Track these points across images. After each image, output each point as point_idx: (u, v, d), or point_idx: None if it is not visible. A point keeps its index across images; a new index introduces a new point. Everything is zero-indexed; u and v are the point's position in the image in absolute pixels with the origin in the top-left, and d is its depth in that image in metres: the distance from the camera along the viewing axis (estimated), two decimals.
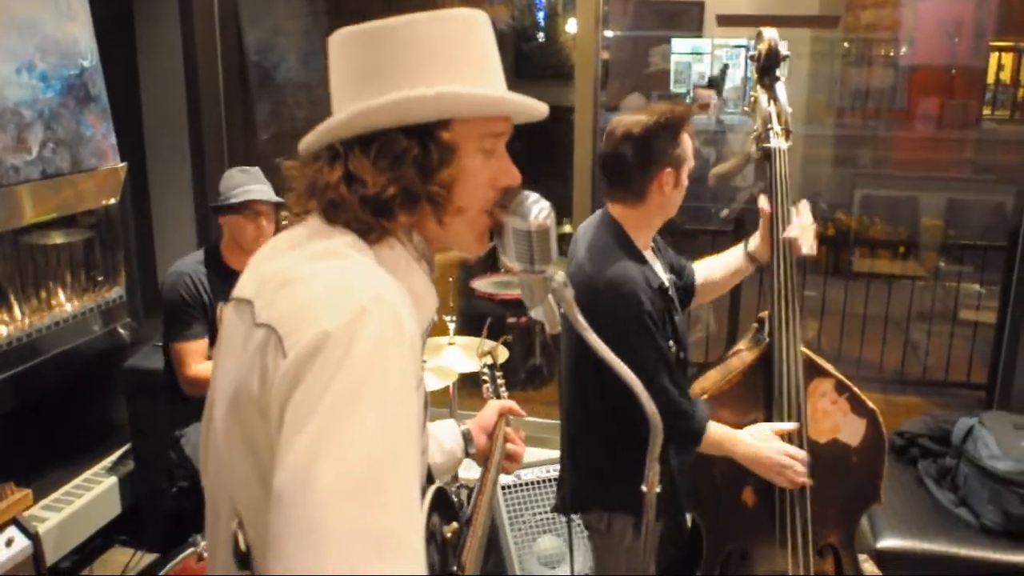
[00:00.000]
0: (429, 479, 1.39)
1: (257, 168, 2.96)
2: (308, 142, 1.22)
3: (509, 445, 1.84)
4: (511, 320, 4.81)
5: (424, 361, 1.48)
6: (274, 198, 2.84)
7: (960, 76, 7.55)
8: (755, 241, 2.38)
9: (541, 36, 7.26)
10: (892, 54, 7.40)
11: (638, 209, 2.18)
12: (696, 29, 8.25)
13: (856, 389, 2.33)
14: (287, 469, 0.95)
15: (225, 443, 1.13)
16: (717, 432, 2.20)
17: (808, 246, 2.25)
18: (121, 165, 3.46)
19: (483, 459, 1.80)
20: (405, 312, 1.08)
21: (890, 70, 7.40)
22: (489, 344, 2.17)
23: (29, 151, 3.04)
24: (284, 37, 4.85)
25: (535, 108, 1.29)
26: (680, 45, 10.30)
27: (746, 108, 2.35)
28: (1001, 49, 7.76)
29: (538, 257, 1.33)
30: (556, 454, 3.87)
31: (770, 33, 2.31)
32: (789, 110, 2.30)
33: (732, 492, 2.30)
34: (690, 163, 2.16)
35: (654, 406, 1.45)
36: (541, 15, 7.91)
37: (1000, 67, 7.89)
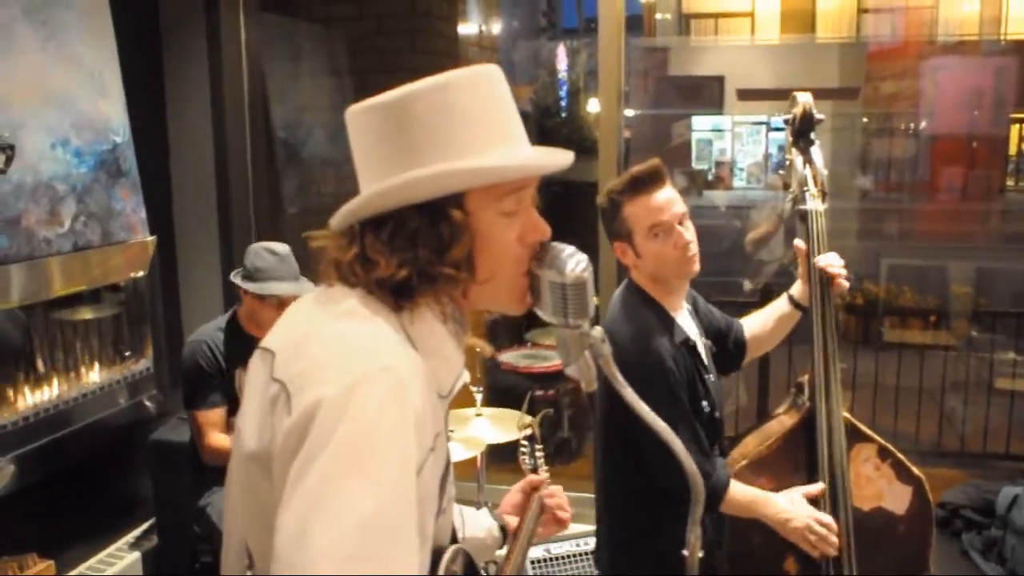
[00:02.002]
0: (453, 539, 1.36)
1: (287, 249, 2.90)
2: (335, 222, 1.22)
3: (559, 512, 1.77)
4: (538, 393, 4.76)
5: (451, 431, 1.46)
6: (301, 292, 2.82)
7: (982, 146, 7.56)
8: (797, 286, 2.37)
9: (562, 113, 7.38)
10: (913, 125, 7.43)
11: (636, 277, 2.24)
12: (717, 105, 8.34)
13: (900, 455, 2.26)
14: (283, 529, 0.97)
15: (239, 486, 1.16)
16: (742, 493, 2.14)
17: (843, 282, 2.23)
18: (150, 239, 3.50)
19: (513, 534, 1.74)
20: (412, 383, 1.08)
21: (911, 141, 7.42)
22: (529, 418, 2.14)
23: (61, 224, 3.08)
24: (310, 113, 4.94)
25: (556, 163, 1.24)
26: (701, 122, 10.43)
27: (781, 172, 2.36)
28: (1022, 121, 7.78)
29: (573, 311, 1.30)
30: (587, 528, 3.78)
31: (804, 97, 2.32)
32: (824, 172, 2.29)
33: (773, 561, 2.21)
34: (645, 229, 2.13)
35: (695, 465, 1.41)
36: (563, 91, 8.06)
37: (1022, 138, 7.90)
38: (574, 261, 1.28)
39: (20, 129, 2.89)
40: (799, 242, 2.30)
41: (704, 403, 2.15)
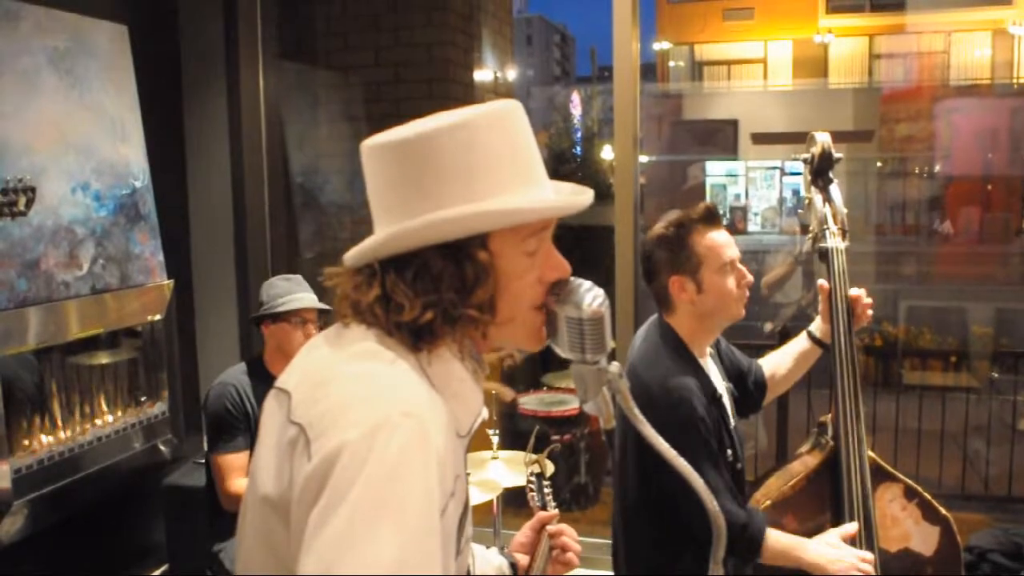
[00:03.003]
0: None
1: (299, 276, 2.97)
2: (350, 258, 1.19)
3: (569, 551, 1.74)
4: (555, 438, 4.73)
5: (468, 473, 1.43)
6: (320, 305, 2.85)
7: (997, 188, 7.56)
8: (817, 324, 2.34)
9: (578, 158, 7.43)
10: (928, 168, 7.44)
11: (676, 317, 2.18)
12: (731, 149, 8.40)
13: (927, 495, 2.21)
14: (306, 572, 0.95)
15: (254, 530, 1.13)
16: (779, 541, 2.08)
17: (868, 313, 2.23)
18: (167, 282, 3.52)
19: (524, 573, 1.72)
20: (435, 426, 1.06)
21: (927, 183, 7.43)
22: (534, 456, 2.12)
23: (80, 267, 3.10)
24: (328, 160, 4.99)
25: (580, 203, 1.23)
26: (715, 168, 10.48)
27: (800, 211, 2.36)
28: None
29: (591, 346, 1.29)
30: (605, 574, 3.73)
31: (822, 136, 2.33)
32: (844, 210, 2.29)
33: None
34: (719, 262, 2.12)
35: (716, 504, 1.39)
36: (577, 137, 8.12)
37: None
38: (591, 296, 1.27)
39: (42, 174, 2.94)
40: (823, 282, 2.28)
41: (729, 452, 2.12)
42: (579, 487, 4.84)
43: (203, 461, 3.04)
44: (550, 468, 2.08)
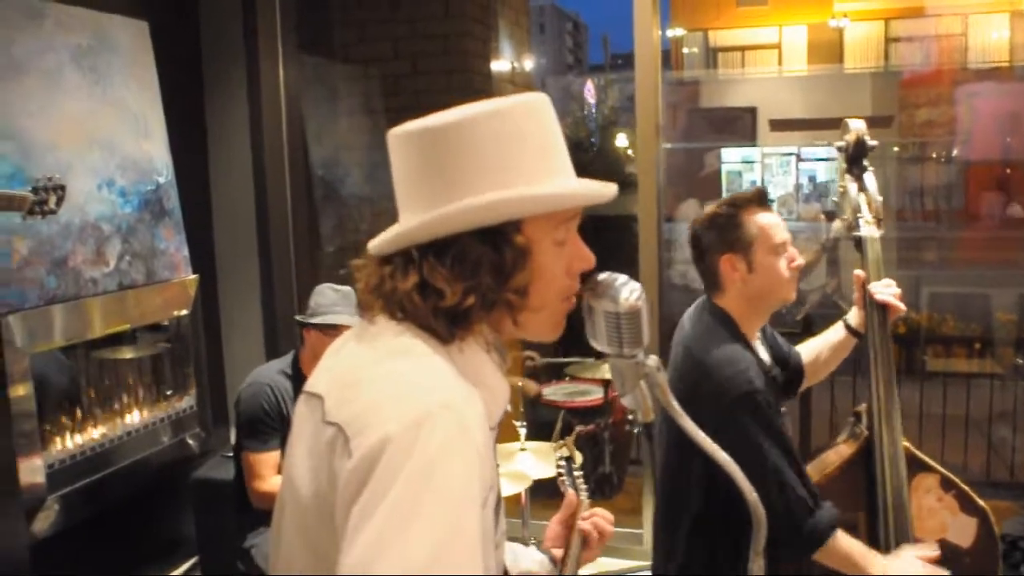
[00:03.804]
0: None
1: (350, 290, 2.90)
2: (379, 245, 1.19)
3: (601, 527, 1.72)
4: (579, 428, 4.72)
5: (497, 465, 1.43)
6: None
7: (1016, 172, 7.49)
8: (853, 313, 2.33)
9: (595, 147, 7.41)
10: (947, 153, 7.38)
11: (725, 298, 2.15)
12: (749, 136, 8.36)
13: (964, 486, 2.19)
14: (349, 569, 0.95)
15: (295, 532, 1.13)
16: (847, 543, 1.99)
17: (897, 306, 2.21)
18: (192, 277, 3.54)
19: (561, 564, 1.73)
20: (473, 418, 1.07)
21: (947, 168, 7.38)
22: (562, 441, 2.12)
23: (107, 264, 3.12)
24: (348, 153, 5.00)
25: (603, 194, 1.24)
26: (730, 154, 10.43)
27: (834, 199, 2.35)
28: None
29: (628, 340, 1.29)
30: (630, 564, 3.73)
31: (856, 124, 2.31)
32: (879, 198, 2.27)
33: None
34: (770, 243, 2.11)
35: (755, 494, 1.38)
36: (593, 126, 8.10)
37: None
38: (628, 290, 1.27)
39: (68, 171, 2.95)
40: (859, 272, 2.27)
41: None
42: (603, 476, 4.83)
43: (231, 455, 3.06)
44: (578, 455, 2.08)
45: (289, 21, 4.12)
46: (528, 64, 5.91)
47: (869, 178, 2.30)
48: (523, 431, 3.23)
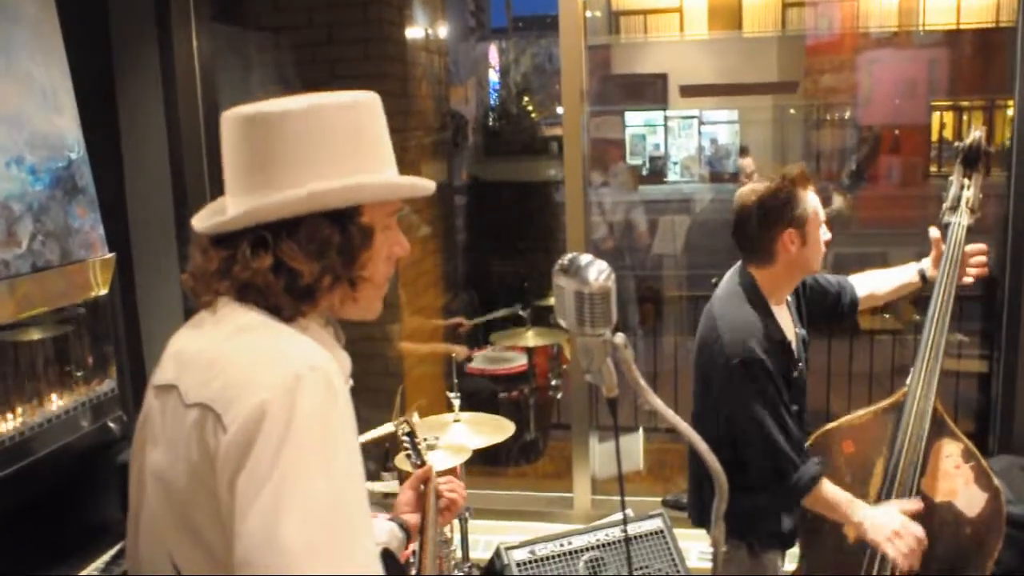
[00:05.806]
0: None
1: None
2: (218, 225, 1.24)
3: (448, 494, 1.86)
4: (502, 395, 4.78)
5: (437, 437, 1.46)
6: None
7: (911, 134, 7.81)
8: (928, 263, 2.57)
9: (508, 114, 7.40)
10: (850, 117, 7.65)
11: (770, 269, 2.36)
12: (661, 101, 8.47)
13: (985, 462, 2.36)
14: (249, 536, 1.00)
15: (160, 506, 1.20)
16: (832, 492, 2.24)
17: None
18: (109, 256, 3.41)
19: (419, 531, 1.81)
20: (335, 375, 1.14)
21: (848, 132, 7.64)
22: (402, 417, 2.21)
23: (19, 245, 2.98)
24: None
25: (429, 188, 1.37)
26: (633, 118, 10.54)
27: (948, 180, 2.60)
28: (941, 108, 8.08)
29: (598, 319, 1.33)
30: (568, 527, 3.81)
31: (978, 133, 2.54)
32: (980, 196, 2.51)
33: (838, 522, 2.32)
34: (818, 219, 2.34)
35: (718, 463, 1.44)
36: (503, 94, 8.08)
37: (942, 125, 8.22)
38: (596, 270, 1.31)
39: None
40: (935, 232, 2.50)
41: (786, 397, 2.29)
42: (528, 443, 4.92)
43: None
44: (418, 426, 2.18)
45: None
46: (442, 31, 5.84)
47: (975, 179, 2.55)
48: (457, 402, 3.25)
